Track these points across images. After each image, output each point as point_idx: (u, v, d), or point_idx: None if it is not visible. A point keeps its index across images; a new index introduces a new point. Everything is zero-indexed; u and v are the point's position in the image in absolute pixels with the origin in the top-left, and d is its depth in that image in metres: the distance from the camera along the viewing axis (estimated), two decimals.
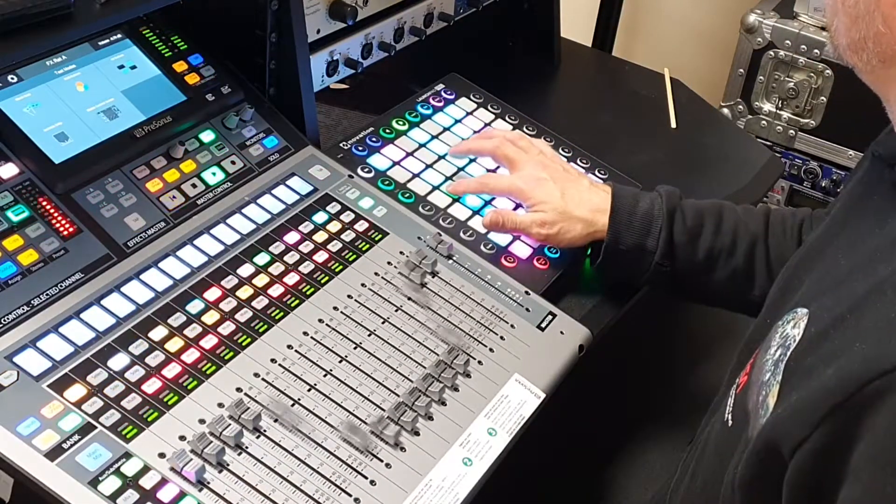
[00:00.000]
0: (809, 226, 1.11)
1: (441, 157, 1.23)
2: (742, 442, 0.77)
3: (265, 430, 0.85)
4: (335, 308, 0.97)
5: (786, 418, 0.70)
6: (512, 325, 1.03)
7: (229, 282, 0.96)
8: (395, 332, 0.97)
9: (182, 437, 0.82)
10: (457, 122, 1.29)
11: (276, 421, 0.86)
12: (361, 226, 1.07)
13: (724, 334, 1.44)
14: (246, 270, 0.97)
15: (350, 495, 0.83)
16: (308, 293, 0.97)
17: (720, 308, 1.19)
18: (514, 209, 1.16)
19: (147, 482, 0.78)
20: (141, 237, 0.96)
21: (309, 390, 0.89)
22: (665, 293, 1.16)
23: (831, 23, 0.80)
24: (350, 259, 1.03)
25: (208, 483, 0.80)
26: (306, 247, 1.02)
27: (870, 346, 0.66)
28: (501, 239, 1.14)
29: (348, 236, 1.05)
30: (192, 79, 1.09)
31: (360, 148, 1.19)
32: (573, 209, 1.11)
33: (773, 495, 0.71)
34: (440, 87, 1.33)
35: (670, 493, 1.01)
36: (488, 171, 1.22)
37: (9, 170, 0.93)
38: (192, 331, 0.90)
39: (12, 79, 0.97)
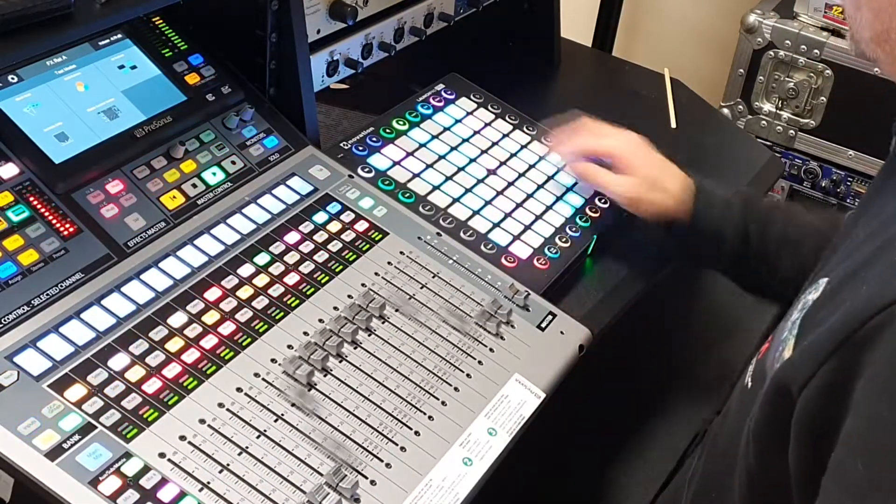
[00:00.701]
0: None
1: (441, 157, 1.23)
2: (759, 397, 0.79)
3: (265, 431, 0.85)
4: (335, 308, 0.97)
5: (795, 361, 0.73)
6: (512, 325, 1.03)
7: (229, 282, 0.96)
8: (395, 331, 0.97)
9: (182, 437, 0.82)
10: (457, 122, 1.29)
11: (275, 420, 0.86)
12: (361, 226, 1.07)
13: (725, 334, 1.44)
14: (246, 270, 0.97)
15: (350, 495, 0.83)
16: (308, 293, 0.97)
17: (783, 300, 1.23)
18: None
19: (147, 482, 0.78)
20: (141, 237, 0.96)
21: (309, 390, 0.89)
22: (734, 280, 1.20)
23: (854, 17, 0.82)
24: (350, 259, 1.03)
25: (208, 483, 0.80)
26: (306, 247, 1.02)
27: (872, 286, 0.69)
28: (502, 239, 1.14)
29: (348, 236, 1.05)
30: (192, 79, 1.09)
31: (361, 148, 1.19)
32: (664, 179, 1.15)
33: (782, 437, 0.73)
34: (440, 87, 1.33)
35: (687, 481, 1.01)
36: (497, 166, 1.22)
37: (9, 170, 0.93)
38: (193, 331, 0.90)
39: (12, 79, 0.97)
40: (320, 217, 1.06)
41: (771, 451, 0.76)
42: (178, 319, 0.91)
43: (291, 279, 0.98)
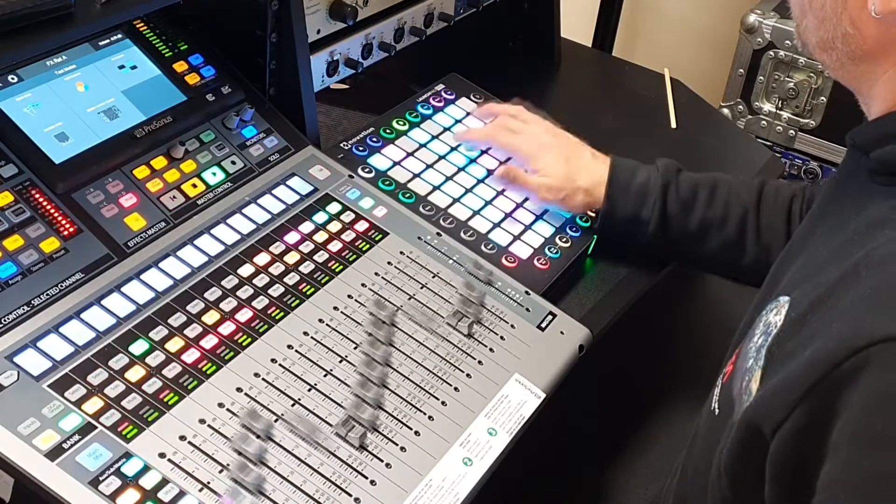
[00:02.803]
0: (801, 200, 1.14)
1: (441, 157, 1.23)
2: (727, 428, 0.78)
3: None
4: (335, 308, 0.97)
5: (766, 400, 0.71)
6: (512, 325, 1.03)
7: (229, 282, 0.96)
8: (395, 331, 0.97)
9: (182, 437, 0.82)
10: (457, 122, 1.29)
11: (276, 421, 0.86)
12: (362, 226, 1.07)
13: (725, 334, 1.44)
14: (246, 270, 0.97)
15: (350, 495, 0.83)
16: (308, 293, 0.97)
17: (714, 274, 1.25)
18: None
19: (147, 482, 0.78)
20: (141, 237, 0.96)
21: (309, 390, 0.89)
22: (662, 258, 1.20)
23: (800, 22, 0.82)
24: (350, 259, 1.03)
25: (208, 483, 0.80)
26: (307, 247, 1.02)
27: (843, 324, 0.67)
28: (502, 239, 1.14)
29: (348, 236, 1.05)
30: (192, 79, 1.09)
31: (361, 148, 1.19)
32: (576, 178, 1.16)
33: (756, 475, 0.72)
34: (440, 87, 1.33)
35: (664, 491, 1.01)
36: (501, 162, 1.23)
37: (9, 170, 0.93)
38: (193, 331, 0.90)
39: (12, 79, 0.97)
40: (320, 217, 1.06)
41: (746, 486, 0.75)
42: (178, 319, 0.91)
43: (291, 279, 0.98)
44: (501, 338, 1.01)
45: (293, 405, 0.87)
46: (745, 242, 1.14)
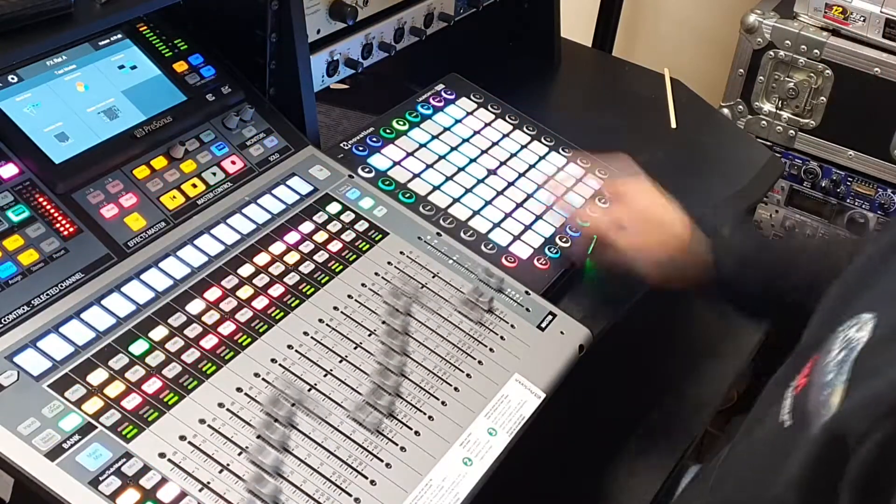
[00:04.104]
0: None
1: (441, 157, 1.23)
2: (802, 440, 0.77)
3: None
4: (335, 308, 0.97)
5: (851, 413, 0.71)
6: (512, 325, 1.03)
7: (229, 282, 0.96)
8: (395, 332, 0.97)
9: (182, 437, 0.82)
10: (457, 122, 1.29)
11: (276, 421, 0.86)
12: (362, 226, 1.07)
13: (726, 334, 1.44)
14: (246, 270, 0.97)
15: (350, 495, 0.83)
16: (308, 293, 0.97)
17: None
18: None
19: (147, 482, 0.78)
20: (141, 237, 0.96)
21: (309, 390, 0.89)
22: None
23: None
24: (350, 259, 1.03)
25: (208, 483, 0.80)
26: (306, 247, 1.02)
27: None
28: (502, 239, 1.14)
29: (348, 236, 1.05)
30: (192, 79, 1.09)
31: (361, 148, 1.19)
32: (681, 256, 1.09)
33: (830, 493, 0.72)
34: (440, 87, 1.33)
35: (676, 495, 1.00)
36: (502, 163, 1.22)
37: (9, 170, 0.93)
38: (193, 331, 0.90)
39: (12, 79, 0.97)
40: (320, 217, 1.06)
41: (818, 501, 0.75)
42: (177, 319, 0.91)
43: (291, 279, 0.98)
44: (501, 338, 1.01)
45: (293, 405, 0.87)
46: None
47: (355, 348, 0.94)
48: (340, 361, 0.93)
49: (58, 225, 0.92)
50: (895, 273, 0.81)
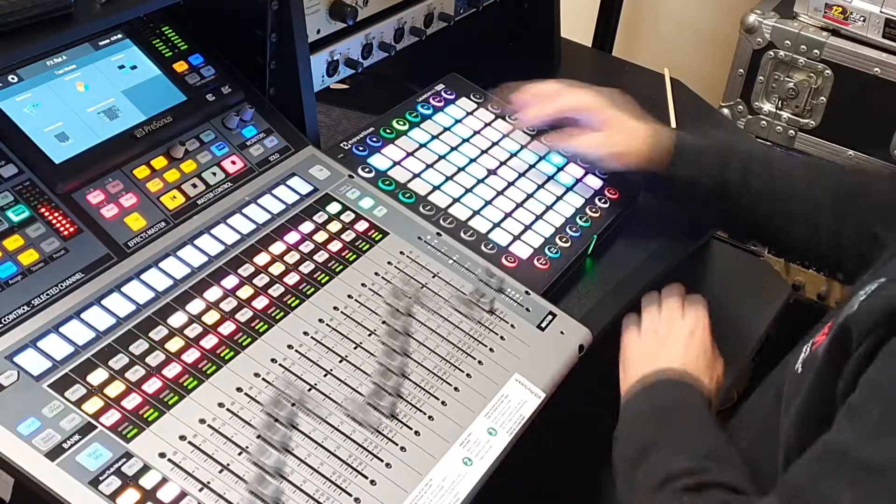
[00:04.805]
0: (881, 212, 1.12)
1: (441, 157, 1.23)
2: (807, 380, 0.84)
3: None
4: (335, 308, 0.97)
5: (859, 312, 0.79)
6: (512, 325, 1.03)
7: (229, 282, 0.96)
8: (395, 332, 0.97)
9: (182, 437, 0.82)
10: (457, 122, 1.29)
11: (276, 421, 0.86)
12: (362, 226, 1.07)
13: (724, 334, 1.44)
14: (246, 270, 0.97)
15: (350, 495, 0.83)
16: (308, 293, 0.97)
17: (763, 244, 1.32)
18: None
19: (147, 482, 0.78)
20: (141, 237, 0.96)
21: (309, 390, 0.89)
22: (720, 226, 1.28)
23: None
24: (350, 259, 1.03)
25: (208, 483, 0.80)
26: (306, 247, 1.02)
27: None
28: (502, 239, 1.14)
29: (348, 236, 1.05)
30: (192, 79, 1.09)
31: (361, 148, 1.19)
32: (637, 132, 1.18)
33: (834, 379, 0.81)
34: (440, 87, 1.33)
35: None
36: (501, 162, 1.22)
37: (9, 170, 0.93)
38: (193, 331, 0.90)
39: (13, 79, 0.97)
40: (320, 217, 1.06)
41: (814, 419, 0.82)
42: (178, 319, 0.91)
43: (291, 279, 0.98)
44: (501, 338, 1.01)
45: (293, 405, 0.87)
46: (820, 230, 1.15)
47: (355, 348, 0.94)
48: (340, 361, 0.93)
49: (58, 225, 0.92)
50: None
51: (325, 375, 0.91)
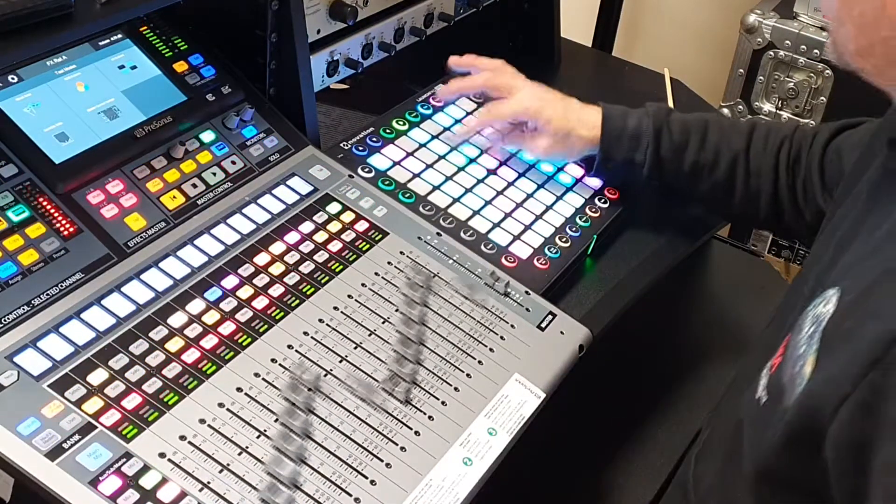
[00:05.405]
0: (790, 146, 1.19)
1: (441, 157, 1.23)
2: (778, 412, 0.78)
3: (265, 431, 0.85)
4: (335, 308, 0.97)
5: (827, 380, 0.72)
6: (512, 325, 1.03)
7: (229, 282, 0.96)
8: (395, 332, 0.97)
9: (182, 437, 0.82)
10: (457, 122, 1.29)
11: (275, 420, 0.86)
12: (362, 226, 1.07)
13: (724, 334, 1.44)
14: (246, 270, 0.98)
15: (350, 495, 0.83)
16: (308, 293, 0.98)
17: (708, 212, 1.31)
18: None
19: (147, 482, 0.78)
20: (141, 237, 0.96)
21: (309, 389, 0.89)
22: (659, 196, 1.27)
23: (836, 31, 0.84)
24: (350, 259, 1.03)
25: (208, 483, 0.80)
26: (307, 247, 1.02)
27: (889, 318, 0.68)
28: (502, 239, 1.14)
29: (348, 236, 1.05)
30: (192, 79, 1.09)
31: (361, 148, 1.19)
32: (575, 127, 1.22)
33: (810, 457, 0.73)
34: (440, 87, 1.33)
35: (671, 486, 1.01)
36: (501, 162, 1.22)
37: (9, 170, 0.93)
38: (193, 331, 0.90)
39: (12, 79, 0.97)
40: (320, 217, 1.06)
41: (797, 465, 0.76)
42: (178, 319, 0.91)
43: (291, 279, 0.98)
44: (501, 338, 1.01)
45: (293, 404, 0.87)
46: (735, 185, 1.20)
47: (355, 348, 0.94)
48: (340, 361, 0.93)
49: (58, 225, 0.92)
50: (853, 250, 0.83)
51: (326, 375, 0.91)
